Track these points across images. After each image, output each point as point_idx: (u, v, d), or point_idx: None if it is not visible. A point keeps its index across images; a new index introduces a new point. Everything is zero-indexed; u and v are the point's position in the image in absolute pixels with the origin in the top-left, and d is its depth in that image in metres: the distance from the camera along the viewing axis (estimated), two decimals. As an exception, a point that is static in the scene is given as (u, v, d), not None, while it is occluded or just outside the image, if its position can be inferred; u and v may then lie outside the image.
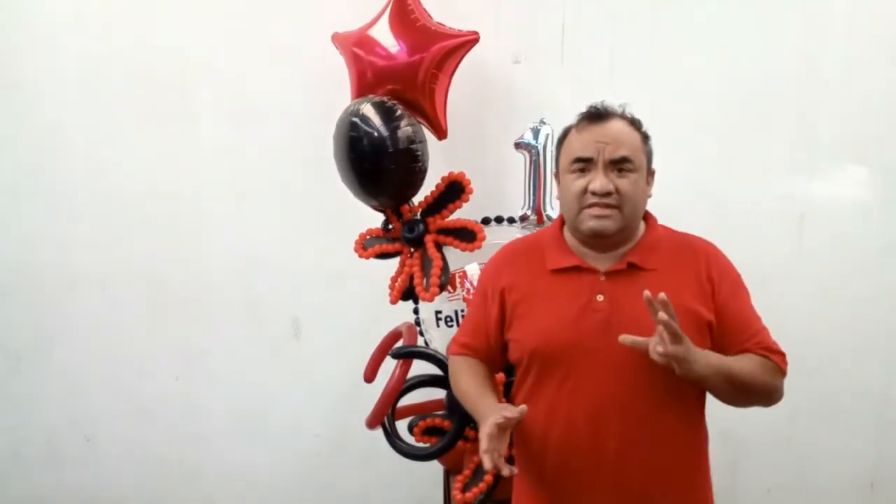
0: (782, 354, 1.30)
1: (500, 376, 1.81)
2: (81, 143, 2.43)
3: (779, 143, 2.25)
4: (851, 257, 2.27)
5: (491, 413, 1.21)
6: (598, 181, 1.25)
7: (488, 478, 1.80)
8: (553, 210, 1.94)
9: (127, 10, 2.36)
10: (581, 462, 1.29)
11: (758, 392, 1.27)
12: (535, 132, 1.90)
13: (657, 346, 1.14)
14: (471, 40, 1.94)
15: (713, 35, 2.22)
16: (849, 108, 2.21)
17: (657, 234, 1.35)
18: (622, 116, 1.32)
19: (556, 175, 1.39)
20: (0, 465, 2.62)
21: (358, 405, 1.90)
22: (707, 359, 1.20)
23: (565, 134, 1.36)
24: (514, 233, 2.00)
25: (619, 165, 1.27)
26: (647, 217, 1.38)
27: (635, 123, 1.33)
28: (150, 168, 2.42)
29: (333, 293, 2.40)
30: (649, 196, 1.35)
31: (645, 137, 1.33)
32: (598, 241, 1.31)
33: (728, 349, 1.28)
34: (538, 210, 1.93)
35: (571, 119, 1.38)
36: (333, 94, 2.04)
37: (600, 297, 1.28)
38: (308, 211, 2.38)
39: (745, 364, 1.26)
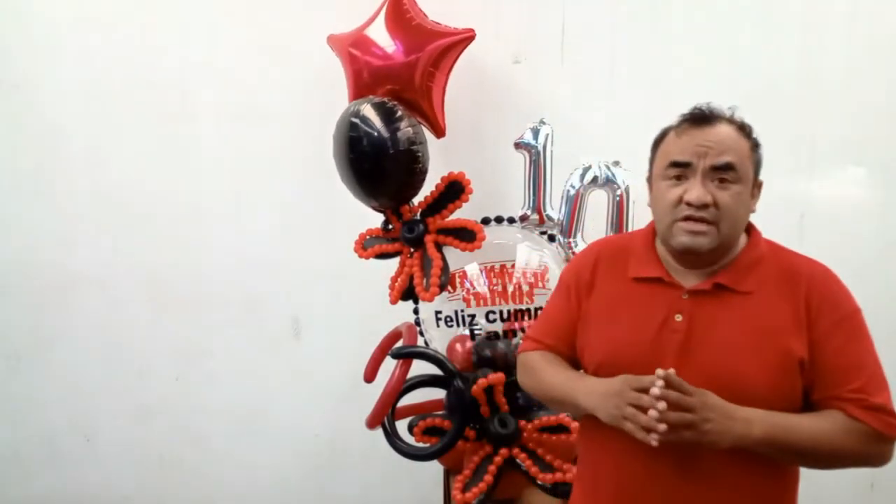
0: (885, 413, 1.10)
1: (500, 376, 1.81)
2: (82, 144, 2.43)
3: (779, 143, 2.23)
4: (851, 257, 2.26)
5: (608, 382, 1.12)
6: (696, 191, 1.12)
7: (488, 478, 1.80)
8: (553, 209, 1.94)
9: (127, 11, 2.36)
10: (636, 486, 1.18)
11: (838, 462, 1.11)
12: (535, 132, 1.90)
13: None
14: (467, 38, 1.95)
15: (713, 35, 2.22)
16: (849, 109, 2.21)
17: (758, 253, 1.20)
18: (730, 120, 1.19)
19: (649, 180, 1.26)
20: (0, 465, 2.62)
21: (358, 405, 1.90)
22: (749, 427, 1.05)
23: (663, 135, 1.23)
24: (514, 233, 2.00)
25: (720, 174, 1.13)
26: (752, 231, 1.24)
27: (745, 129, 1.19)
28: (150, 168, 2.42)
29: (333, 293, 2.40)
30: (753, 211, 1.21)
31: (755, 145, 1.19)
32: (688, 257, 1.18)
33: (816, 396, 1.13)
34: (538, 210, 1.93)
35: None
36: (334, 94, 2.04)
37: (679, 317, 1.16)
38: (308, 211, 2.39)
39: (818, 428, 1.09)
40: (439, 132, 2.02)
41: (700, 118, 1.18)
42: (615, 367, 1.17)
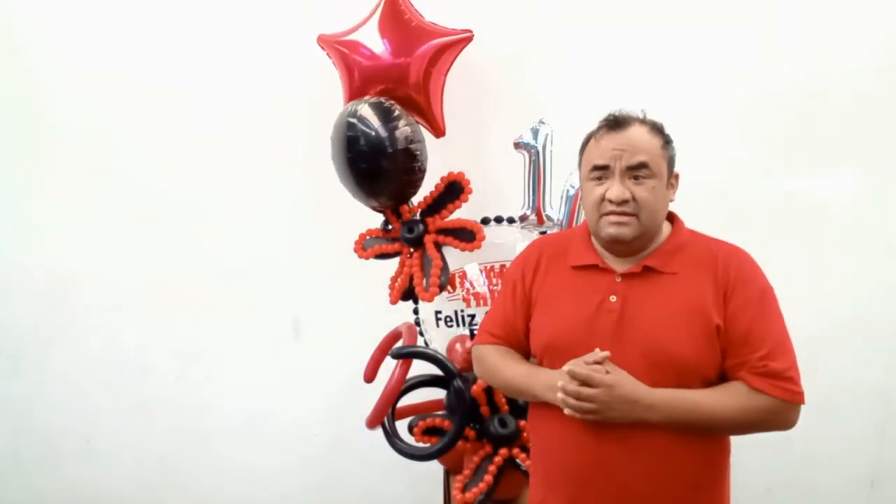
0: (790, 381, 1.22)
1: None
2: (82, 144, 2.43)
3: (779, 143, 2.25)
4: (851, 257, 2.27)
5: (558, 374, 1.26)
6: (615, 189, 1.26)
7: (488, 478, 1.80)
8: (552, 209, 1.94)
9: (128, 14, 2.36)
10: (584, 466, 1.28)
11: (743, 429, 1.26)
12: (535, 132, 1.90)
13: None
14: (464, 38, 1.95)
15: (713, 36, 2.22)
16: (849, 109, 2.21)
17: (681, 239, 1.34)
18: (642, 122, 1.31)
19: (580, 181, 1.41)
20: (0, 465, 2.62)
21: (358, 405, 1.90)
22: (650, 412, 1.21)
23: (586, 141, 1.37)
24: (514, 233, 2.00)
25: (635, 172, 1.26)
26: (674, 221, 1.38)
27: (656, 128, 1.32)
28: (150, 168, 2.42)
29: (333, 293, 2.40)
30: (671, 200, 1.34)
31: (666, 142, 1.32)
32: (616, 246, 1.31)
33: (726, 363, 1.25)
34: (538, 210, 1.93)
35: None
36: (334, 94, 2.04)
37: (613, 298, 1.29)
38: (308, 211, 2.38)
39: (721, 404, 1.23)
40: (438, 132, 2.02)
41: (614, 123, 1.31)
42: (558, 348, 1.31)
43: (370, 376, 2.04)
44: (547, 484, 1.36)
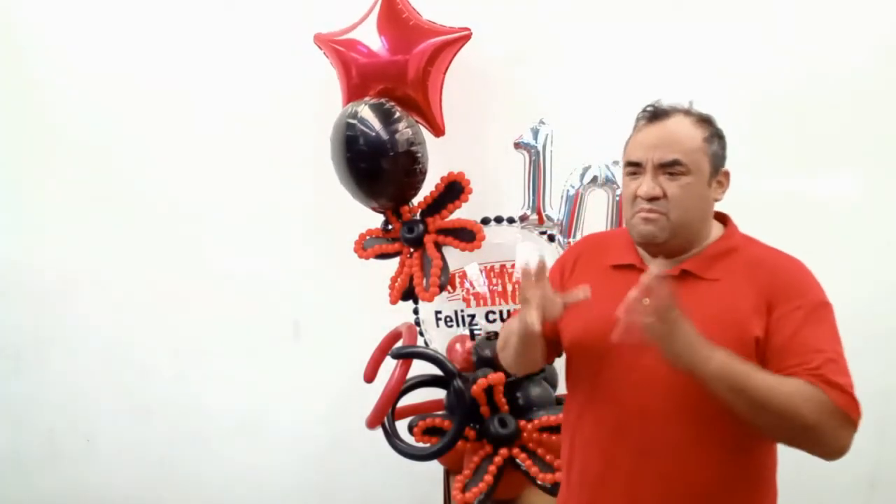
0: (848, 394, 1.07)
1: (500, 376, 1.81)
2: (82, 144, 2.43)
3: (779, 143, 2.25)
4: (851, 257, 2.27)
5: None
6: (645, 185, 1.20)
7: (488, 478, 1.80)
8: (552, 209, 1.94)
9: (128, 14, 2.36)
10: (597, 470, 1.23)
11: (786, 421, 1.07)
12: (535, 132, 1.90)
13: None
14: (463, 37, 1.95)
15: (713, 35, 2.22)
16: (849, 109, 2.21)
17: (731, 244, 1.25)
18: (687, 113, 1.23)
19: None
20: (0, 465, 2.62)
21: (358, 405, 1.89)
22: (707, 360, 1.06)
23: (631, 135, 1.30)
24: (514, 233, 2.00)
25: (668, 169, 1.19)
26: (727, 224, 1.30)
27: (702, 119, 1.23)
28: (149, 168, 2.42)
29: (333, 293, 2.40)
30: (717, 200, 1.26)
31: (712, 135, 1.22)
32: (650, 247, 1.25)
33: (772, 369, 1.13)
34: (538, 210, 1.93)
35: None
36: (334, 95, 2.04)
37: (645, 301, 1.15)
38: (308, 211, 2.38)
39: (775, 382, 1.07)
40: (438, 131, 2.02)
41: (652, 115, 1.24)
42: (586, 346, 1.26)
43: (370, 376, 2.04)
44: (568, 484, 1.33)
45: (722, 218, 1.30)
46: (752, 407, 1.07)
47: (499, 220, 2.01)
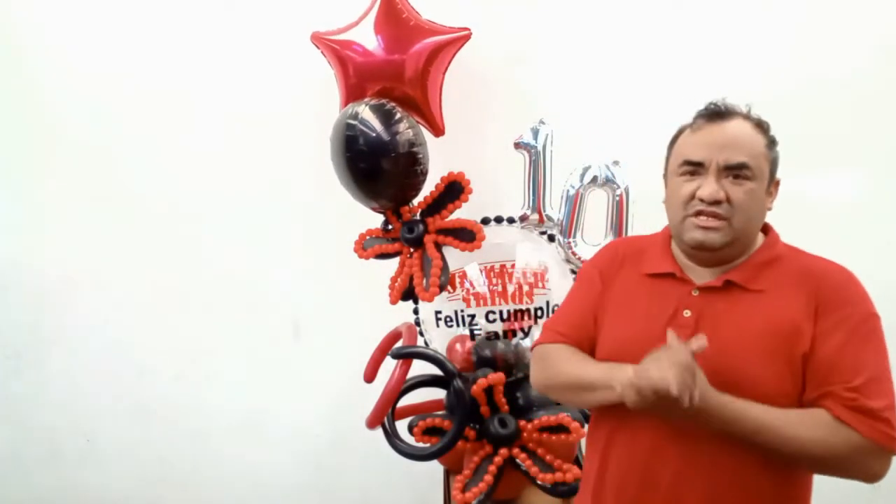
0: (884, 423, 1.04)
1: (500, 376, 1.81)
2: (82, 144, 2.43)
3: (779, 143, 2.24)
4: (851, 257, 2.26)
5: (648, 362, 1.06)
6: (708, 187, 1.12)
7: (488, 478, 1.80)
8: (552, 209, 1.94)
9: (128, 15, 2.36)
10: (634, 492, 1.18)
11: (814, 466, 1.10)
12: (535, 132, 1.90)
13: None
14: (463, 37, 1.95)
15: (713, 35, 2.21)
16: (849, 109, 2.21)
17: (774, 253, 1.20)
18: (746, 117, 1.19)
19: (664, 177, 1.26)
20: (0, 465, 2.62)
21: (358, 405, 1.90)
22: (719, 403, 1.05)
23: (679, 133, 1.24)
24: (514, 233, 2.00)
25: (734, 172, 1.13)
26: (769, 233, 1.25)
27: (761, 126, 1.19)
28: (150, 168, 2.42)
29: (333, 293, 2.40)
30: (769, 209, 1.21)
31: (771, 143, 1.19)
32: (701, 253, 1.17)
33: (809, 393, 1.10)
34: (538, 210, 1.93)
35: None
36: (334, 95, 2.04)
37: (687, 313, 1.15)
38: (308, 211, 2.38)
39: (792, 422, 1.05)
40: (438, 131, 2.02)
41: (715, 114, 1.17)
42: (623, 360, 1.16)
43: (370, 376, 2.04)
44: (593, 495, 1.26)
45: (763, 226, 1.24)
46: (770, 451, 1.08)
47: (499, 220, 2.01)
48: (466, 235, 1.90)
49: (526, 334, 1.98)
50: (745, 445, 1.09)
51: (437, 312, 2.04)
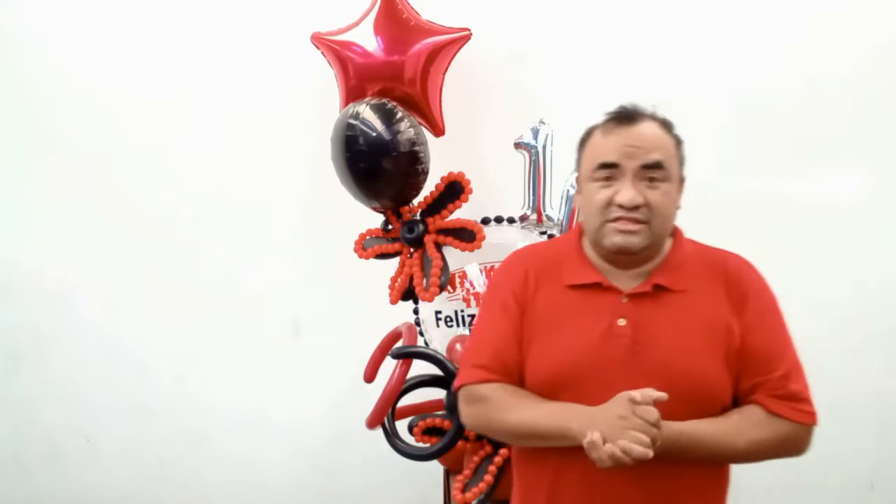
0: (806, 403, 1.13)
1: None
2: (82, 144, 2.43)
3: (779, 143, 2.25)
4: (851, 257, 2.27)
5: (606, 406, 1.04)
6: (627, 192, 1.11)
7: (488, 478, 1.80)
8: (552, 209, 1.94)
9: (127, 18, 2.36)
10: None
11: (753, 460, 1.14)
12: (535, 132, 1.90)
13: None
14: (463, 37, 1.95)
15: (713, 35, 2.22)
16: (848, 108, 2.21)
17: (684, 251, 1.21)
18: (654, 118, 1.18)
19: (578, 180, 1.25)
20: (0, 465, 2.61)
21: (358, 405, 1.89)
22: (676, 435, 1.06)
23: (588, 135, 1.22)
24: (514, 233, 2.00)
25: (650, 173, 1.12)
26: (675, 231, 1.24)
27: (668, 126, 1.18)
28: (150, 168, 2.42)
29: (333, 293, 2.40)
30: (678, 207, 1.20)
31: (678, 142, 1.19)
32: (622, 257, 1.16)
33: (743, 384, 1.14)
34: (538, 210, 1.93)
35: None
36: (334, 95, 2.04)
37: (622, 322, 1.13)
38: (308, 211, 2.38)
39: (736, 429, 1.10)
40: (438, 131, 2.02)
41: (626, 116, 1.17)
42: (562, 383, 1.14)
43: (370, 376, 2.04)
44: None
45: None
46: (717, 461, 1.16)
47: (499, 220, 2.01)
48: (466, 235, 1.91)
49: (526, 334, 1.97)
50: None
51: (437, 312, 2.04)
